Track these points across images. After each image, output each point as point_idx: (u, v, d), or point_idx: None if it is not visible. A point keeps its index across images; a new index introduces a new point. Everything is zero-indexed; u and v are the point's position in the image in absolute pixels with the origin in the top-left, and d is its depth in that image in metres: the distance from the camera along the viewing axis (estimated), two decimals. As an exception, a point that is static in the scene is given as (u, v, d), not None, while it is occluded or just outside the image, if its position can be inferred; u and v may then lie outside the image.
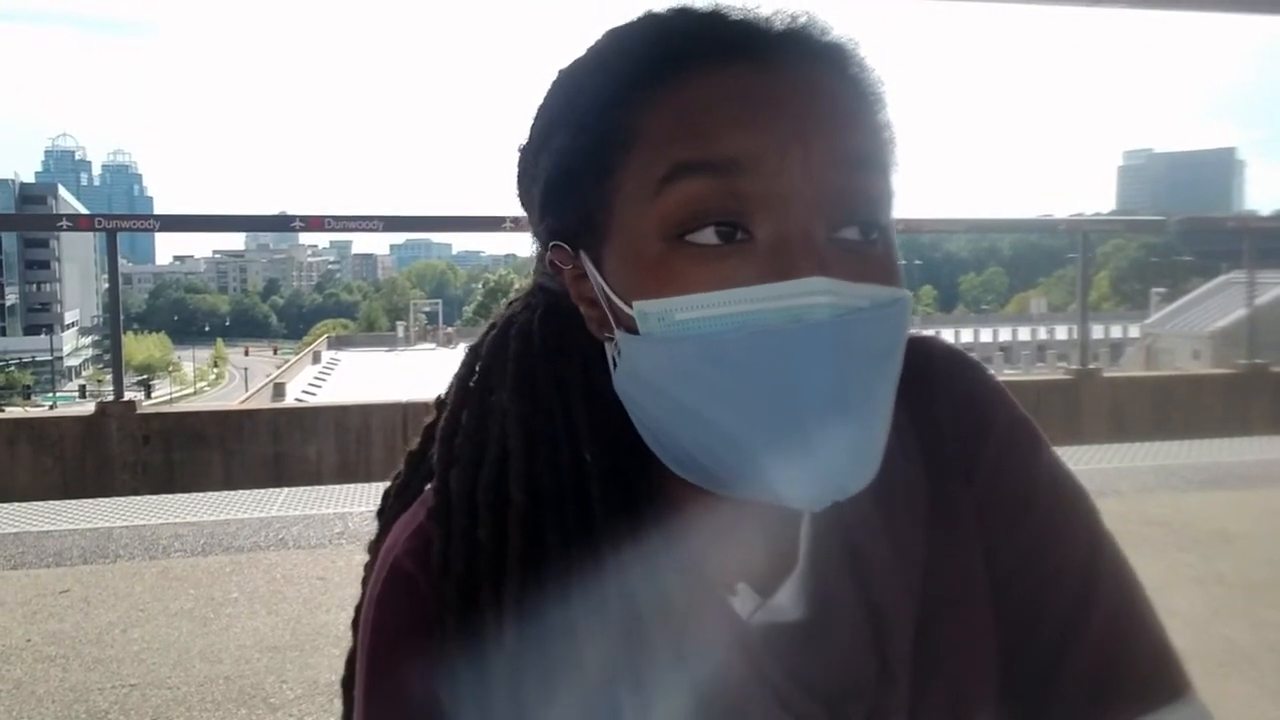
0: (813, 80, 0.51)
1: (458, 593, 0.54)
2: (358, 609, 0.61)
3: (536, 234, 0.61)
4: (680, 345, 0.49)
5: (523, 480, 0.55)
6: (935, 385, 0.63)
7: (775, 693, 0.55)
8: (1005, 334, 55.77)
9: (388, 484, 0.68)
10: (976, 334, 56.34)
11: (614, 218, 0.53)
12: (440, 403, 0.64)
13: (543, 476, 0.55)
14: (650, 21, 0.55)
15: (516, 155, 0.60)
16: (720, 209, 0.49)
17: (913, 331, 0.66)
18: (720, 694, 0.53)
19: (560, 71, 0.58)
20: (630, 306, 0.51)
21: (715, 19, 0.53)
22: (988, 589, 0.61)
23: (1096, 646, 0.59)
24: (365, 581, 0.62)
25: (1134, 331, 44.27)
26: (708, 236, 0.49)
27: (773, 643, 0.56)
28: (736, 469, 0.50)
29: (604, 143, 0.52)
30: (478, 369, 0.61)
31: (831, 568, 0.59)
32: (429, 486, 0.60)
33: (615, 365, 0.55)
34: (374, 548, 0.64)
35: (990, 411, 0.64)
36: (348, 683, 0.62)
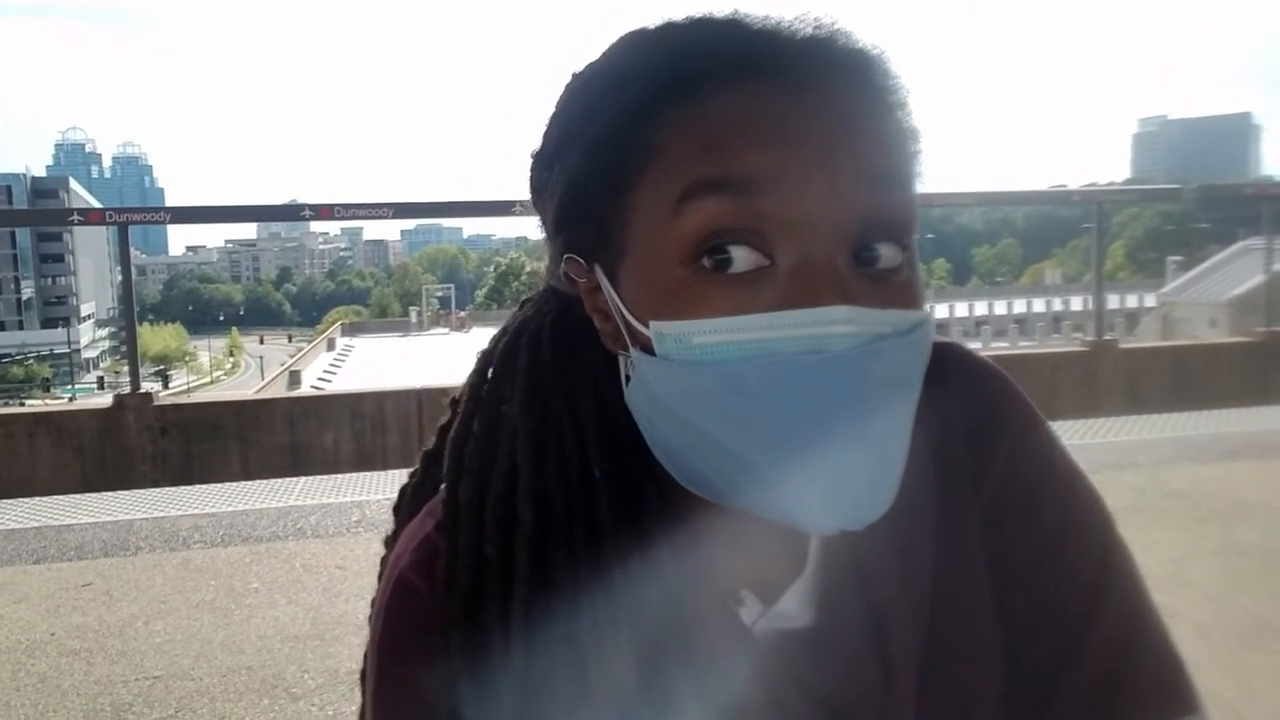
0: (838, 95, 0.49)
1: (463, 608, 0.54)
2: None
3: (550, 241, 0.59)
4: (696, 369, 0.48)
5: (531, 498, 0.54)
6: (950, 392, 0.61)
7: (781, 702, 0.54)
8: (1020, 306, 55.44)
9: (405, 479, 0.68)
10: (991, 306, 56.03)
11: (630, 236, 0.51)
12: (454, 403, 0.63)
13: (551, 493, 0.54)
14: (668, 34, 0.53)
15: (530, 162, 0.59)
16: (740, 229, 0.47)
17: (936, 338, 0.64)
18: (727, 705, 0.52)
19: (574, 77, 0.56)
20: (646, 326, 0.50)
21: (735, 31, 0.51)
22: (993, 594, 0.60)
23: (1101, 654, 0.58)
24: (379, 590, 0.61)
25: (1150, 301, 44.01)
26: (726, 261, 0.48)
27: (779, 650, 0.56)
28: (750, 493, 0.49)
29: (620, 163, 0.51)
30: (489, 376, 0.60)
31: (839, 574, 0.58)
32: (436, 497, 0.60)
33: (628, 380, 0.54)
34: (390, 542, 0.64)
35: (1005, 418, 0.62)
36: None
